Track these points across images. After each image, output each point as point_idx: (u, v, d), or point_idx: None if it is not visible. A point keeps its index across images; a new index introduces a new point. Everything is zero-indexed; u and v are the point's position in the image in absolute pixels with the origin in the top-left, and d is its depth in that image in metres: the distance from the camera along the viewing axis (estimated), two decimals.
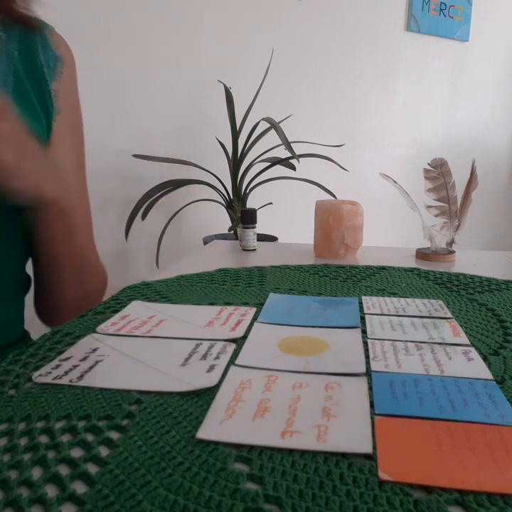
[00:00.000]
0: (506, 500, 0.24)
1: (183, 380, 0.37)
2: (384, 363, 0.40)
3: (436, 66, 2.36)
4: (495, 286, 0.65)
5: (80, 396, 0.35)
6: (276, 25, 1.93)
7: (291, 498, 0.24)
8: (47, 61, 0.56)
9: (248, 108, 1.64)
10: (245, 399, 0.34)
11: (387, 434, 0.30)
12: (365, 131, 2.24)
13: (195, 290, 0.63)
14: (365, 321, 0.51)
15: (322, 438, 0.29)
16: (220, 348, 0.43)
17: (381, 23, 2.17)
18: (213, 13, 1.79)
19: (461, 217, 0.87)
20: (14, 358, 0.41)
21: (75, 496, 0.25)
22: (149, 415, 0.32)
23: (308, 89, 2.05)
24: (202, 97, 1.83)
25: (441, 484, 0.25)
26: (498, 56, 2.53)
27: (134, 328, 0.48)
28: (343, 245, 0.84)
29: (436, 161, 0.86)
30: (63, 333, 0.47)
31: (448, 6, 2.29)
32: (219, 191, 1.69)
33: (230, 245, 0.99)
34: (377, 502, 0.24)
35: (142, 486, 0.25)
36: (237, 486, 0.25)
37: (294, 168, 1.62)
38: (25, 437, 0.30)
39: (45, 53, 0.56)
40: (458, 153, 2.16)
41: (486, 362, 0.41)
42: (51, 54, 0.57)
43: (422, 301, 0.58)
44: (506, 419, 0.31)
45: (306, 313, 0.54)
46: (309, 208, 0.93)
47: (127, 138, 1.70)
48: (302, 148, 1.63)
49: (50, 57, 0.56)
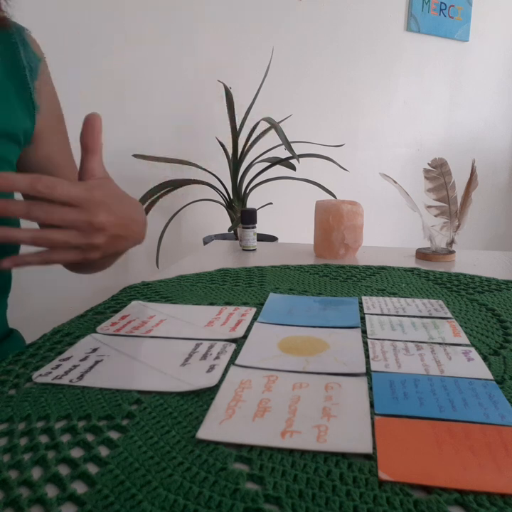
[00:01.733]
0: (506, 500, 0.24)
1: (183, 380, 0.37)
2: (384, 363, 0.40)
3: (436, 66, 2.36)
4: (495, 286, 0.65)
5: (80, 396, 0.35)
6: (276, 25, 1.93)
7: (291, 498, 0.24)
8: (29, 62, 0.57)
9: (248, 108, 1.64)
10: (245, 399, 0.34)
11: (387, 434, 0.30)
12: (365, 131, 2.24)
13: (195, 290, 0.63)
14: (365, 321, 0.51)
15: (322, 438, 0.29)
16: (220, 348, 0.43)
17: (381, 23, 2.17)
18: (213, 13, 1.79)
19: (461, 217, 0.87)
20: (14, 358, 0.41)
21: (75, 495, 0.25)
22: (149, 415, 0.32)
23: (308, 89, 2.05)
24: (202, 97, 1.83)
25: (441, 484, 0.25)
26: (498, 56, 2.52)
27: (134, 328, 0.48)
28: (343, 245, 0.84)
29: (436, 161, 0.86)
30: (63, 333, 0.47)
31: (448, 6, 2.29)
32: (219, 191, 1.69)
33: (230, 245, 0.99)
34: (377, 502, 0.24)
35: (142, 486, 0.25)
36: (237, 486, 0.25)
37: (294, 168, 1.62)
38: (25, 437, 0.30)
39: (26, 55, 0.57)
40: (458, 153, 2.16)
41: (486, 362, 0.41)
42: (32, 55, 0.58)
43: (422, 301, 0.58)
44: (506, 419, 0.31)
45: (306, 313, 0.54)
46: (309, 208, 0.93)
47: (127, 138, 1.70)
48: (302, 148, 1.63)
49: (31, 58, 0.58)
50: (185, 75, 1.79)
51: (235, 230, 1.59)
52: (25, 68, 0.57)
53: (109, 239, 0.46)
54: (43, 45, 0.61)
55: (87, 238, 0.43)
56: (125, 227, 0.48)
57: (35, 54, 0.59)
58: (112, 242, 0.46)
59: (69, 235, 0.42)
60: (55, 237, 0.42)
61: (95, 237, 0.44)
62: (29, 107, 0.57)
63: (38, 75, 0.58)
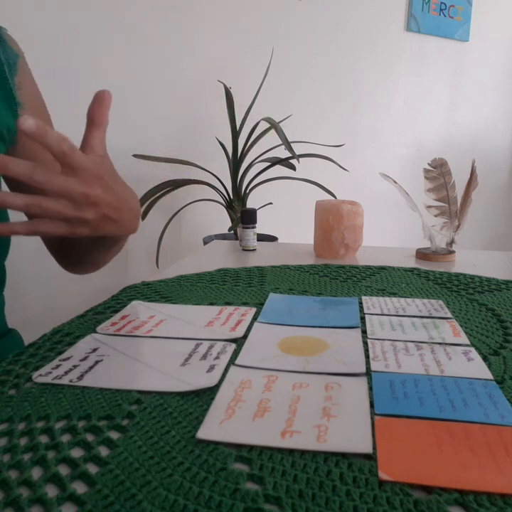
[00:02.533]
0: (506, 500, 0.24)
1: (183, 380, 0.37)
2: (384, 363, 0.40)
3: (436, 66, 2.36)
4: (495, 286, 0.65)
5: (80, 396, 0.35)
6: (276, 25, 1.93)
7: (291, 498, 0.24)
8: (7, 59, 0.58)
9: (248, 108, 1.64)
10: (245, 399, 0.34)
11: (387, 434, 0.30)
12: (365, 131, 2.24)
13: (195, 290, 0.63)
14: (365, 321, 0.51)
15: (322, 438, 0.29)
16: (220, 348, 0.43)
17: (381, 23, 2.17)
18: (213, 13, 1.79)
19: (461, 217, 0.87)
20: (14, 358, 0.41)
21: (75, 495, 0.25)
22: (149, 415, 0.32)
23: (308, 89, 2.05)
24: (202, 97, 1.83)
25: (441, 484, 0.25)
26: (498, 56, 2.52)
27: (134, 328, 0.48)
28: (343, 245, 0.84)
29: (436, 161, 0.86)
30: (63, 333, 0.47)
31: (448, 6, 2.29)
32: (219, 191, 1.69)
33: (230, 245, 0.99)
34: (377, 502, 0.24)
35: (142, 486, 0.25)
36: (237, 486, 0.25)
37: (294, 168, 1.61)
38: (25, 437, 0.30)
39: (4, 52, 0.58)
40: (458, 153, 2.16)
41: (486, 362, 0.41)
42: (10, 52, 0.58)
43: (422, 301, 0.58)
44: (506, 419, 0.31)
45: (306, 313, 0.54)
46: (309, 208, 0.93)
47: (127, 138, 1.70)
48: (302, 148, 1.63)
49: (10, 55, 0.58)
50: (185, 74, 1.79)
51: (235, 230, 1.59)
52: (3, 64, 0.56)
53: (100, 217, 0.46)
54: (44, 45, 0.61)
55: (78, 211, 0.43)
56: (118, 210, 0.48)
57: (12, 50, 0.59)
58: (102, 221, 0.46)
59: (62, 205, 0.42)
60: (48, 206, 0.42)
61: (87, 212, 0.44)
62: (11, 104, 0.57)
63: (18, 71, 0.58)
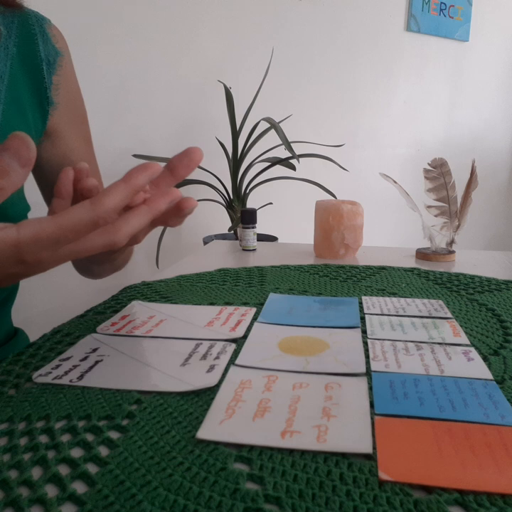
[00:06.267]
0: (506, 500, 0.24)
1: (183, 380, 0.37)
2: (384, 363, 0.40)
3: (436, 66, 2.36)
4: (495, 286, 0.65)
5: (80, 396, 0.35)
6: (276, 25, 1.93)
7: (291, 498, 0.24)
8: (47, 56, 0.55)
9: (248, 108, 1.64)
10: (245, 399, 0.34)
11: (387, 434, 0.30)
12: (365, 131, 2.24)
13: (195, 290, 0.63)
14: (365, 321, 0.51)
15: (322, 438, 0.29)
16: (220, 348, 0.43)
17: (381, 23, 2.17)
18: (213, 13, 1.79)
19: (461, 217, 0.87)
20: (14, 358, 0.41)
21: (75, 495, 0.25)
22: (149, 415, 0.32)
23: (308, 89, 2.05)
24: (202, 97, 1.83)
25: (441, 484, 0.25)
26: (498, 56, 2.52)
27: (134, 328, 0.48)
28: (343, 245, 0.84)
29: (436, 161, 0.86)
30: (63, 333, 0.47)
31: (448, 6, 2.29)
32: (219, 191, 1.69)
33: (230, 245, 0.99)
34: (377, 502, 0.24)
35: (142, 486, 0.25)
36: (237, 486, 0.25)
37: (294, 168, 1.62)
38: (25, 437, 0.30)
39: (45, 48, 0.55)
40: (458, 153, 2.17)
41: (486, 362, 0.41)
42: (51, 49, 0.56)
43: (422, 301, 0.58)
44: (506, 419, 0.31)
45: (306, 313, 0.54)
46: (309, 208, 0.93)
47: (127, 138, 1.70)
48: (302, 148, 1.63)
49: (51, 52, 0.56)
50: (186, 74, 1.79)
51: (235, 230, 1.59)
52: (42, 61, 0.55)
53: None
54: None
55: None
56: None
57: (54, 47, 0.56)
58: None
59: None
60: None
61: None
62: (43, 103, 0.55)
63: (58, 70, 0.56)
